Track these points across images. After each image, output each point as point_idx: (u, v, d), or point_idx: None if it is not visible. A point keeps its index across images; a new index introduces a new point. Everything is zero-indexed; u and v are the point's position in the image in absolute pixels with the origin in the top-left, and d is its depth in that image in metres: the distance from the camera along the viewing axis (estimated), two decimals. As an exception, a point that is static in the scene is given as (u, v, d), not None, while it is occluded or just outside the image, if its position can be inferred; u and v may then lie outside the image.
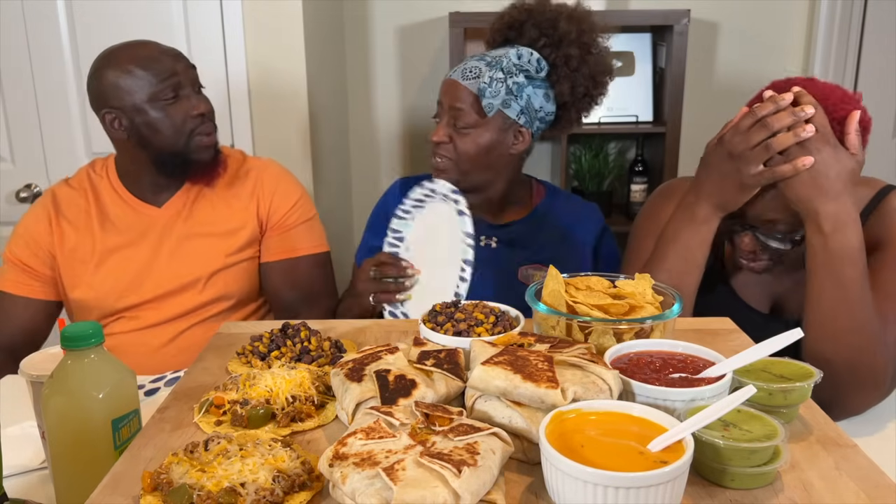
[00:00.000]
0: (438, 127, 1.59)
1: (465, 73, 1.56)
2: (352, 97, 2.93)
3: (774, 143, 1.16)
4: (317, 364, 1.03)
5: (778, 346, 0.84)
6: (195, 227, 1.67)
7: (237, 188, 1.71)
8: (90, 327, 0.90)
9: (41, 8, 2.26)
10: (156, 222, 1.67)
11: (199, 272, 1.65)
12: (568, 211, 1.71)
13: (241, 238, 1.68)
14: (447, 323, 1.02)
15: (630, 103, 2.77)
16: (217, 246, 1.67)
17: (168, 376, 1.40)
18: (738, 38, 2.85)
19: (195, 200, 1.69)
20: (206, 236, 1.67)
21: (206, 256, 1.66)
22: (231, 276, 1.68)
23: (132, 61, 1.55)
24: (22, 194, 2.41)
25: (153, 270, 1.65)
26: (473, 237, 1.41)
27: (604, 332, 0.93)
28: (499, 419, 0.79)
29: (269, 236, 1.72)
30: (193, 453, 0.78)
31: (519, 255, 1.63)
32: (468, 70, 1.56)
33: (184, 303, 1.65)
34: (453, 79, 1.58)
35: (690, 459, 0.67)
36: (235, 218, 1.69)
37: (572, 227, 1.68)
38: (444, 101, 1.59)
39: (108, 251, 1.65)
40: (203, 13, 2.25)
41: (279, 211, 1.71)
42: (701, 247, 1.27)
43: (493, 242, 1.64)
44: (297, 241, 1.72)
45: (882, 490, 0.74)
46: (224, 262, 1.67)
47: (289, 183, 1.76)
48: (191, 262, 1.66)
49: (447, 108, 1.58)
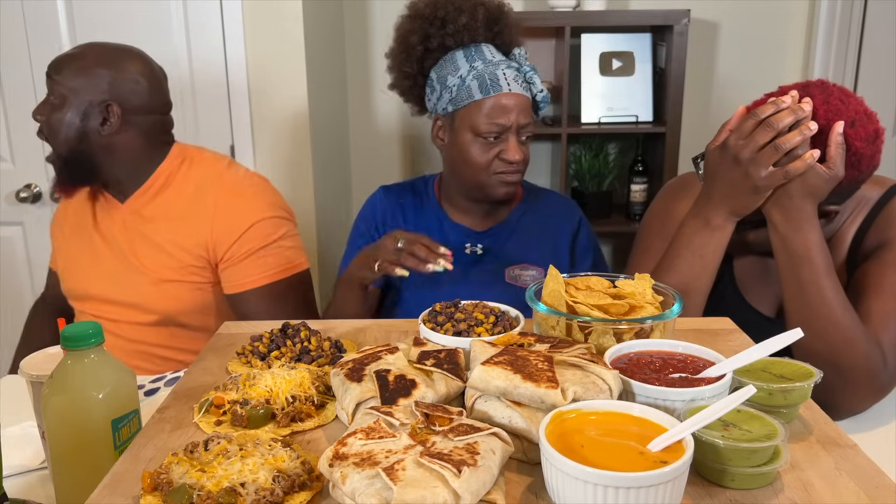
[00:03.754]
0: (510, 148, 1.50)
1: (521, 85, 1.52)
2: (352, 97, 2.93)
3: (782, 142, 1.15)
4: (317, 364, 1.03)
5: (778, 346, 0.84)
6: (136, 248, 1.64)
7: (181, 209, 1.63)
8: (90, 327, 0.90)
9: (41, 8, 2.26)
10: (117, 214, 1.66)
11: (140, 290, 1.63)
12: (546, 208, 1.69)
13: (178, 265, 1.63)
14: (447, 323, 1.02)
15: (630, 103, 2.78)
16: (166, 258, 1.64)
17: (168, 376, 1.40)
18: (738, 38, 2.85)
19: (141, 218, 1.64)
20: (143, 260, 1.63)
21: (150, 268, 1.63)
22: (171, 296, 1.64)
23: None
24: (22, 194, 2.41)
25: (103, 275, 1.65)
26: None
27: (604, 332, 0.93)
28: (499, 419, 0.79)
29: (224, 268, 1.63)
30: (193, 453, 0.78)
31: (504, 258, 1.61)
32: (521, 80, 1.53)
33: None
34: (515, 93, 1.50)
35: (690, 459, 0.67)
36: (177, 243, 1.62)
37: (551, 223, 1.66)
38: (510, 120, 1.50)
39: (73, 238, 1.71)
40: (203, 13, 2.25)
41: (228, 241, 1.61)
42: (715, 253, 1.26)
43: (479, 249, 1.62)
44: (260, 267, 1.62)
45: (882, 490, 0.74)
46: (165, 279, 1.63)
47: (244, 206, 1.63)
48: (130, 280, 1.64)
49: (514, 128, 1.51)
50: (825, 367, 0.95)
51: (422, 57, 1.56)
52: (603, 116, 2.76)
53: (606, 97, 2.78)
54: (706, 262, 1.26)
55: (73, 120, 1.55)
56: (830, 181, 1.16)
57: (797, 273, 1.19)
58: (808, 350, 1.12)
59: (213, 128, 2.32)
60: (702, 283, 1.27)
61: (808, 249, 1.17)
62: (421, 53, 1.56)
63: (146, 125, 1.61)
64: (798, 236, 1.18)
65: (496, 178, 1.53)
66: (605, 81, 2.78)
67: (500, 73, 1.50)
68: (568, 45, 2.63)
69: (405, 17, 1.58)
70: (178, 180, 1.65)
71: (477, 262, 1.61)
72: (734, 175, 1.20)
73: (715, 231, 1.25)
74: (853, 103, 1.19)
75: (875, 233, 1.30)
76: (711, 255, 1.26)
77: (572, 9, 2.65)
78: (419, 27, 1.54)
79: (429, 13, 1.54)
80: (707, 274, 1.27)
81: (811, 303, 1.18)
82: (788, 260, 1.19)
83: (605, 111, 2.77)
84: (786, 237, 1.19)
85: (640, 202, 2.83)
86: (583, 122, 2.77)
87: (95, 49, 1.58)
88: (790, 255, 1.19)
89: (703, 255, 1.26)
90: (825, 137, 1.17)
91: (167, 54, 2.22)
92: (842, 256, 1.34)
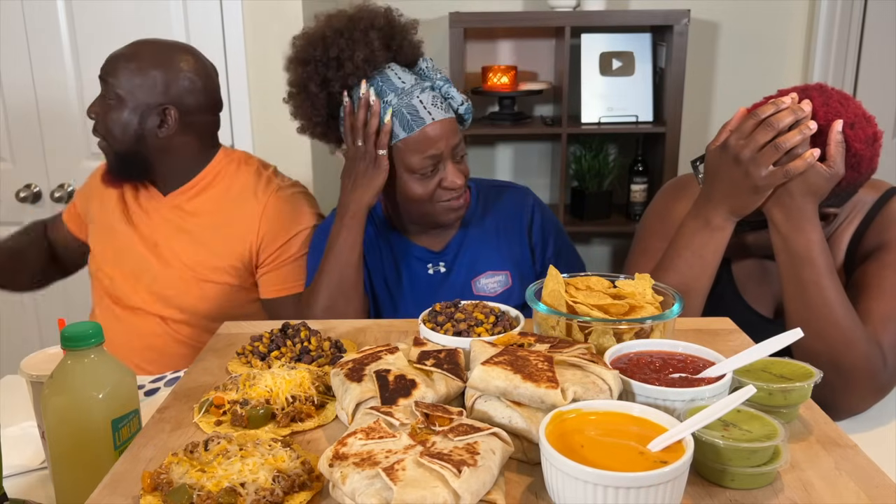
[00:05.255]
0: (449, 175, 1.43)
1: (440, 107, 1.42)
2: (352, 97, 2.92)
3: (782, 141, 1.15)
4: (317, 364, 1.03)
5: (778, 346, 0.84)
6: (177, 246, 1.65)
7: (227, 213, 1.66)
8: (90, 327, 0.90)
9: (41, 8, 2.26)
10: (161, 207, 1.68)
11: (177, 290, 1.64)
12: (498, 205, 1.61)
13: (220, 266, 1.65)
14: (447, 323, 1.02)
15: (630, 103, 2.78)
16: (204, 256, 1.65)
17: (168, 376, 1.40)
18: (738, 38, 2.85)
19: (183, 215, 1.67)
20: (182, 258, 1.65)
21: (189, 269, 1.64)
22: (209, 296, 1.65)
23: None
24: (22, 194, 2.41)
25: (144, 264, 1.66)
26: None
27: (604, 332, 0.93)
28: (499, 419, 0.79)
29: (265, 272, 1.66)
30: (193, 453, 0.78)
31: (468, 270, 1.56)
32: (438, 101, 1.42)
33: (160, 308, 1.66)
34: (439, 119, 1.41)
35: (690, 459, 0.68)
36: (221, 244, 1.64)
37: (503, 220, 1.59)
38: (441, 148, 1.42)
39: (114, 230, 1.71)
40: (203, 13, 2.25)
41: (274, 244, 1.64)
42: (715, 253, 1.26)
43: (442, 268, 1.56)
44: (293, 276, 1.66)
45: (882, 490, 0.74)
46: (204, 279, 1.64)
47: (292, 212, 1.66)
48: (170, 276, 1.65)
49: (447, 153, 1.43)
50: (825, 367, 0.96)
51: (327, 102, 1.46)
52: (603, 116, 2.76)
53: (606, 97, 2.78)
54: (706, 263, 1.26)
55: (131, 121, 1.56)
56: (831, 180, 1.16)
57: (798, 273, 1.19)
58: (808, 350, 1.12)
59: (213, 128, 2.32)
60: (701, 284, 1.27)
61: (810, 250, 1.18)
62: (325, 99, 1.46)
63: (201, 126, 1.65)
64: (799, 236, 1.18)
65: (441, 206, 1.46)
66: (605, 81, 2.78)
67: (416, 104, 1.40)
68: (568, 45, 2.63)
69: (295, 62, 1.46)
70: (225, 180, 1.68)
71: (444, 281, 1.56)
72: (735, 175, 1.20)
73: (715, 231, 1.25)
74: (852, 106, 1.20)
75: (873, 235, 1.30)
76: (711, 256, 1.26)
77: (572, 9, 2.65)
78: (314, 72, 1.44)
79: (320, 55, 1.43)
80: (707, 274, 1.27)
81: (812, 303, 1.18)
82: (789, 260, 1.19)
83: (605, 111, 2.77)
84: (787, 237, 1.19)
85: (640, 202, 2.83)
86: (583, 122, 2.77)
87: (148, 48, 1.59)
88: (791, 256, 1.19)
89: (703, 256, 1.26)
90: (825, 138, 1.17)
91: (167, 54, 2.23)
92: (839, 260, 1.34)
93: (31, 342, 2.45)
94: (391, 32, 1.46)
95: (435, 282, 1.56)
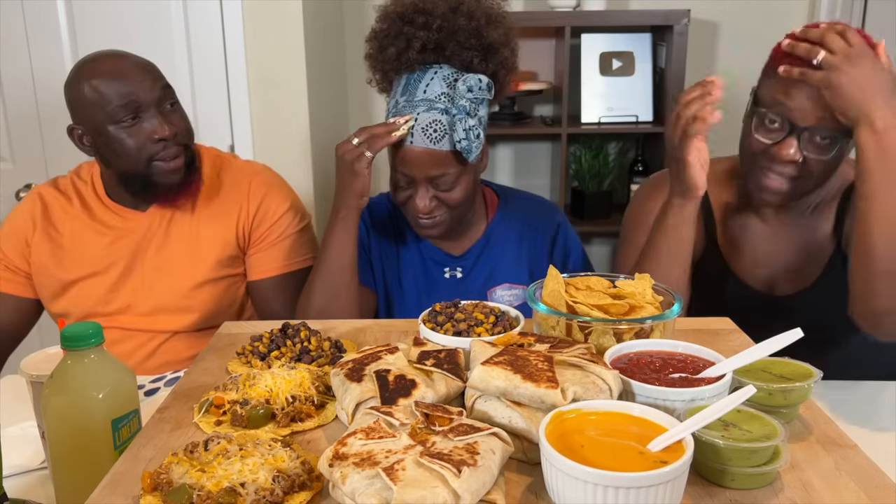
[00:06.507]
0: (417, 198, 1.40)
1: (430, 136, 1.36)
2: (352, 97, 2.93)
3: (681, 109, 1.25)
4: (317, 364, 1.03)
5: (778, 346, 0.84)
6: (168, 253, 1.60)
7: (217, 205, 1.63)
8: (90, 327, 0.90)
9: (41, 8, 2.26)
10: (139, 226, 1.61)
11: (172, 299, 1.60)
12: (523, 216, 1.60)
13: (215, 261, 1.61)
14: (447, 323, 1.02)
15: (630, 103, 2.78)
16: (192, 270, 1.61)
17: (168, 376, 1.40)
18: (738, 38, 2.85)
19: (169, 223, 1.60)
20: (176, 264, 1.60)
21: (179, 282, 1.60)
22: (207, 296, 1.62)
23: (97, 75, 1.47)
24: (22, 194, 2.40)
25: (131, 287, 1.60)
26: None
27: (604, 332, 0.93)
28: (499, 419, 0.79)
29: (253, 253, 1.63)
30: (193, 453, 0.78)
31: (485, 279, 1.56)
32: (431, 130, 1.35)
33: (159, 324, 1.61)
34: (419, 148, 1.36)
35: (690, 459, 0.68)
36: (214, 238, 1.61)
37: (527, 232, 1.58)
38: (414, 173, 1.38)
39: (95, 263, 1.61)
40: (203, 13, 2.25)
41: (264, 224, 1.62)
42: (676, 231, 1.32)
43: (459, 273, 1.56)
44: (286, 254, 1.64)
45: (882, 490, 0.74)
46: (202, 280, 1.61)
47: (278, 193, 1.66)
48: (166, 285, 1.60)
49: (422, 180, 1.39)
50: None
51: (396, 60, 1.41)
52: (603, 116, 2.76)
53: (606, 97, 2.78)
54: (676, 247, 1.33)
55: None
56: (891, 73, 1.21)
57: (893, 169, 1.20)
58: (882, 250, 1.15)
59: (212, 127, 2.32)
60: (678, 270, 1.33)
61: None
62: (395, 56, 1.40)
63: None
64: None
65: (411, 217, 1.45)
66: (605, 81, 2.78)
67: (408, 121, 1.36)
68: (568, 45, 2.63)
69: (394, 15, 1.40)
70: (213, 180, 1.65)
71: (458, 286, 1.55)
72: (673, 160, 1.30)
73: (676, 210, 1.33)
74: None
75: None
76: (679, 238, 1.33)
77: (572, 9, 2.65)
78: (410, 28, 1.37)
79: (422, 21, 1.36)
80: (679, 259, 1.33)
81: None
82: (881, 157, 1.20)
83: (605, 111, 2.77)
84: (884, 135, 1.19)
85: (641, 202, 2.83)
86: (583, 122, 2.77)
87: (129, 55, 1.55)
88: (884, 153, 1.20)
89: (677, 239, 1.33)
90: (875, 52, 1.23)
91: (167, 54, 2.23)
92: (828, 229, 1.43)
93: (31, 342, 2.44)
94: (482, 45, 1.38)
95: (450, 286, 1.55)
